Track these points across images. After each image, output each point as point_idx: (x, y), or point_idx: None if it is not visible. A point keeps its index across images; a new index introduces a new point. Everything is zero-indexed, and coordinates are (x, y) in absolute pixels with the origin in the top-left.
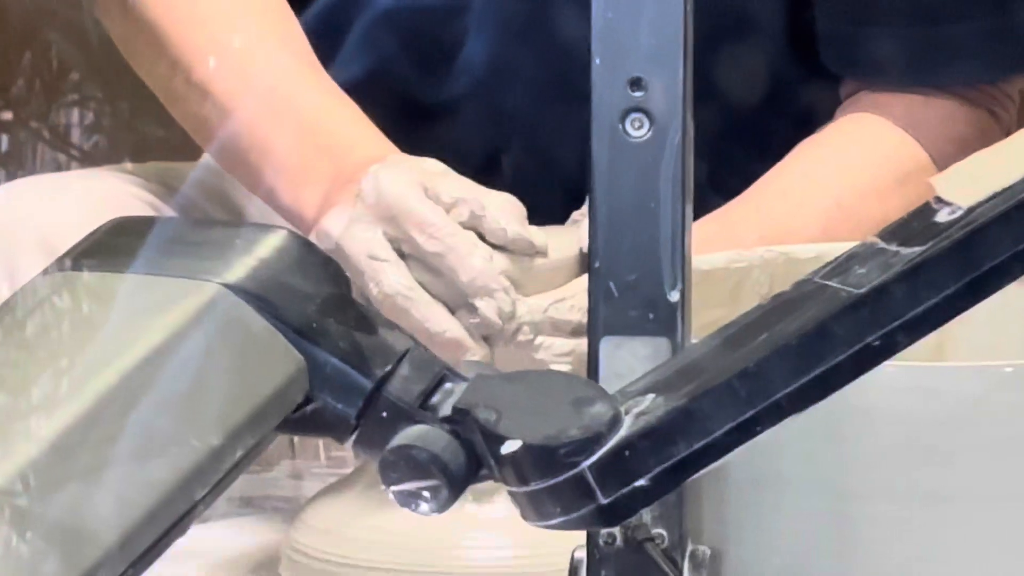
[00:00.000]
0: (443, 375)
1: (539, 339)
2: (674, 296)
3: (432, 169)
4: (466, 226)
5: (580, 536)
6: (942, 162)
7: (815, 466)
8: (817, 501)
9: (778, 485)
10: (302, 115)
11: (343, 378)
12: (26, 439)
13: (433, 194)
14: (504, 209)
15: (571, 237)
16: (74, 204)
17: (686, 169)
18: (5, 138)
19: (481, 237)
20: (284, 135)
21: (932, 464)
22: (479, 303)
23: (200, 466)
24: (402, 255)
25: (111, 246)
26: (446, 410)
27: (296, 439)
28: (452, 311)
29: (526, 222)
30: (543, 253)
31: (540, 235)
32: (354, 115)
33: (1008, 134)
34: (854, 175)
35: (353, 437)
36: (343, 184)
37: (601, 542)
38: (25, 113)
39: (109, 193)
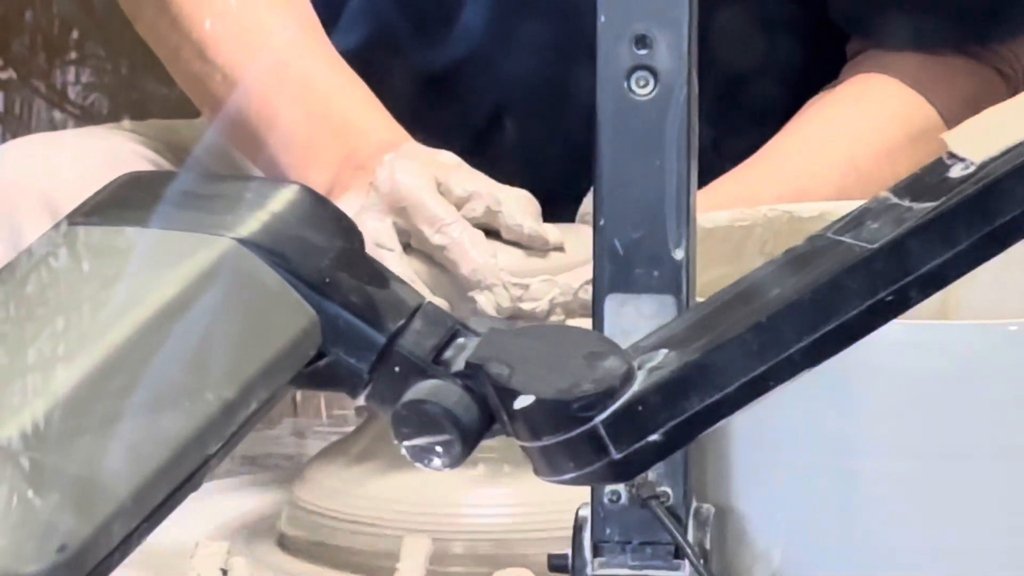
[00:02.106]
0: (456, 330)
1: (569, 323)
2: (679, 254)
3: (447, 162)
4: (481, 221)
5: (585, 494)
6: (951, 121)
7: (819, 423)
8: (821, 457)
9: (782, 442)
10: (313, 92)
11: (356, 332)
12: (41, 393)
13: (446, 188)
14: (520, 205)
15: (586, 234)
16: (75, 163)
17: (691, 127)
18: (5, 97)
19: (496, 233)
20: (293, 110)
21: (935, 421)
22: (478, 296)
23: (214, 420)
24: (408, 248)
25: (123, 201)
26: (459, 365)
27: (299, 398)
28: (454, 307)
29: (541, 218)
30: (559, 249)
31: (555, 232)
32: (365, 96)
33: (1016, 92)
34: (868, 135)
35: (366, 392)
36: (354, 169)
37: (606, 500)
38: (26, 71)
39: (110, 151)
